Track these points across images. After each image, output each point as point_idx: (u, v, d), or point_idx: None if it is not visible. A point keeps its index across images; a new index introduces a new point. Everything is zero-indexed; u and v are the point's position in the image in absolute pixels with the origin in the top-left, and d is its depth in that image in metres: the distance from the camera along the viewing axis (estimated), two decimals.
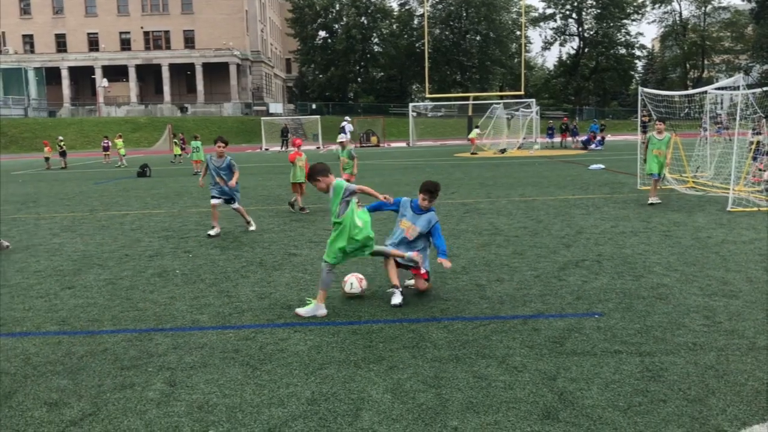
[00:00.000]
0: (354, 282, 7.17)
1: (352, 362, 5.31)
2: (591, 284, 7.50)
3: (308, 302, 6.77)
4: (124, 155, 36.52)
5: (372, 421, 4.28)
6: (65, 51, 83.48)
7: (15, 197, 20.01)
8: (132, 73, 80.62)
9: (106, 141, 39.49)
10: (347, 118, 45.63)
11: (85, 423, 4.37)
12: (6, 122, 68.30)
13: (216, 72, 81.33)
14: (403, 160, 34.80)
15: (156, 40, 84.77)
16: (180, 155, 36.76)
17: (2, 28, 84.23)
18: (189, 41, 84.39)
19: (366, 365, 5.23)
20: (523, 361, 5.23)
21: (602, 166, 24.31)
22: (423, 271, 7.19)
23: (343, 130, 40.36)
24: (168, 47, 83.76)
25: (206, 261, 9.49)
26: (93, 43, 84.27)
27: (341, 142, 15.42)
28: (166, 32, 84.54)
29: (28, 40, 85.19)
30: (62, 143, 36.63)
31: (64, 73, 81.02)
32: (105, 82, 78.34)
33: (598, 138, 40.64)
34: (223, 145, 11.71)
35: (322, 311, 6.58)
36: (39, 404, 4.69)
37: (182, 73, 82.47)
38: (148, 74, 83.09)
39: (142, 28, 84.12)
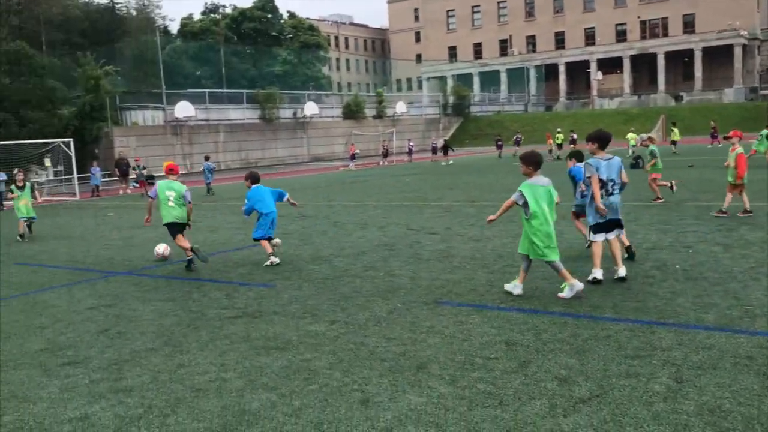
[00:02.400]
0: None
1: None
2: None
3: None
4: (633, 146, 36.98)
5: None
6: (563, 48, 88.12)
7: (515, 185, 21.97)
8: (626, 64, 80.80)
9: (573, 134, 41.17)
10: None
11: (593, 403, 4.57)
12: (509, 117, 75.58)
13: (717, 56, 75.87)
14: None
15: (652, 29, 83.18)
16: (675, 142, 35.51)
17: (509, 32, 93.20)
18: (688, 26, 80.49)
19: None
20: None
21: None
22: None
23: None
24: (665, 34, 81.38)
25: (708, 258, 8.98)
26: (589, 38, 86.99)
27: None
28: (664, 19, 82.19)
29: (531, 41, 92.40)
30: (560, 135, 38.95)
31: (561, 69, 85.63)
32: (599, 75, 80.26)
33: None
34: None
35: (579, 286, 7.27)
36: (550, 377, 5.08)
37: (678, 60, 79.24)
38: (642, 64, 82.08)
39: (638, 17, 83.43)
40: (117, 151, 39.78)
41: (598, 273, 7.88)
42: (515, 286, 7.64)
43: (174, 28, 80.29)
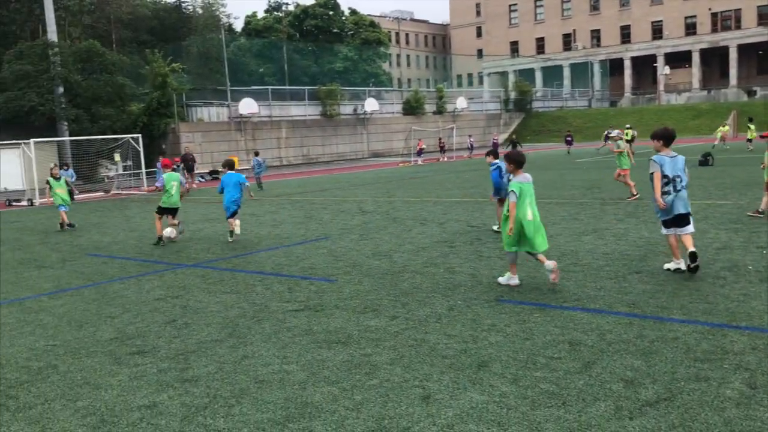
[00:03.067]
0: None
1: None
2: None
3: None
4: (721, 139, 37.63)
5: None
6: (629, 42, 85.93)
7: (579, 183, 21.61)
8: (695, 58, 78.29)
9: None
10: None
11: (661, 406, 4.45)
12: (572, 113, 74.25)
13: None
14: None
15: (724, 21, 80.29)
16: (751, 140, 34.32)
17: (573, 26, 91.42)
18: (763, 17, 77.36)
19: None
20: None
21: None
22: None
23: None
24: (738, 27, 78.47)
25: None
26: (656, 31, 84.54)
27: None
28: (737, 11, 79.21)
29: (595, 35, 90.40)
30: (629, 131, 38.26)
31: (627, 64, 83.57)
32: (666, 70, 78.00)
33: None
34: None
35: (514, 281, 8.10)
36: (615, 379, 4.97)
37: (752, 53, 76.34)
38: (713, 58, 79.40)
39: (709, 9, 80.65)
40: (183, 146, 40.77)
41: (680, 263, 8.19)
42: (510, 278, 8.14)
43: (238, 26, 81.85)
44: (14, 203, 27.63)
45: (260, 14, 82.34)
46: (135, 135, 33.61)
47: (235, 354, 6.06)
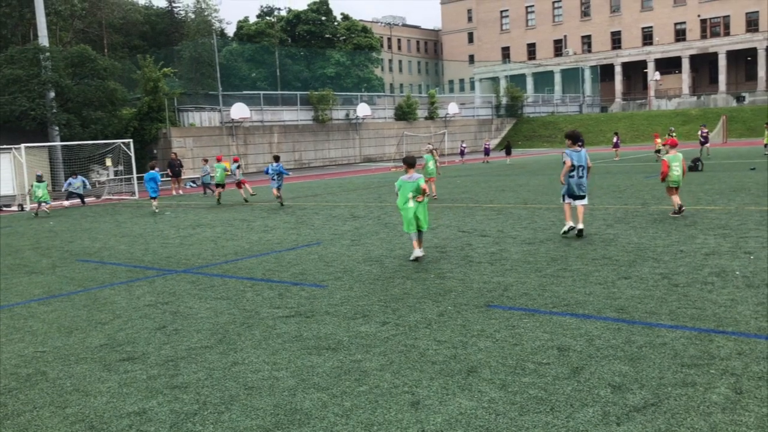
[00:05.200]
0: None
1: None
2: None
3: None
4: None
5: None
6: (619, 47, 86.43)
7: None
8: (685, 64, 78.76)
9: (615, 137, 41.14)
10: None
11: (648, 412, 4.48)
12: (563, 119, 74.51)
13: None
14: None
15: (713, 27, 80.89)
16: None
17: (564, 32, 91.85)
18: (751, 24, 78.03)
19: None
20: None
21: None
22: None
23: None
24: (727, 33, 79.07)
25: None
26: (647, 37, 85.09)
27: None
28: (725, 17, 79.84)
29: (586, 41, 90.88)
30: (673, 133, 38.39)
31: (617, 69, 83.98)
32: (657, 75, 78.44)
33: None
34: None
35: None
36: (603, 384, 5.01)
37: (741, 59, 76.90)
38: (703, 64, 79.96)
39: (698, 16, 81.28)
40: (172, 151, 40.73)
41: (568, 224, 11.66)
42: (414, 252, 10.44)
43: (230, 31, 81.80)
44: (4, 208, 27.51)
45: (252, 19, 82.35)
46: (126, 140, 33.52)
47: (224, 360, 6.07)
